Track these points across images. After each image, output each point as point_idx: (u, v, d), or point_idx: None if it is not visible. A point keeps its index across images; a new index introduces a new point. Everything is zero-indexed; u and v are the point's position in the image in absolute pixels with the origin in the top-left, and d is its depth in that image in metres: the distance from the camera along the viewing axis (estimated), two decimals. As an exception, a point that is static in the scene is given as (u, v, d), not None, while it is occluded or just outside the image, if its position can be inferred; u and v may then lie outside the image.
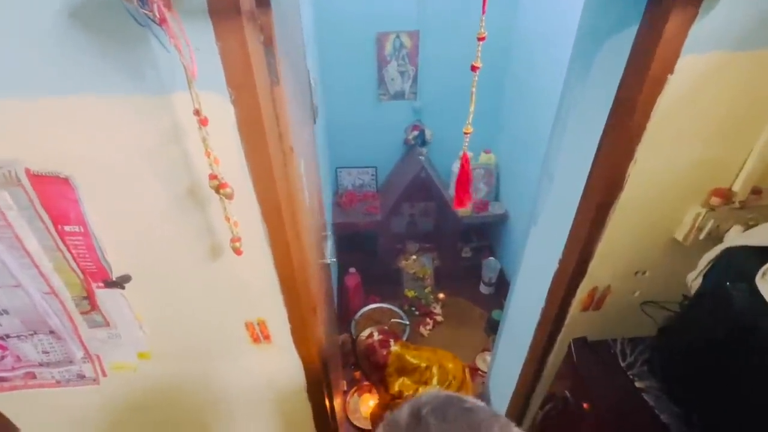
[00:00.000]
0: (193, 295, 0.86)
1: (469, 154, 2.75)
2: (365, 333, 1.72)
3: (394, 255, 2.77)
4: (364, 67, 2.35)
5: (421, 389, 1.66)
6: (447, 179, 2.67)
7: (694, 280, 0.82)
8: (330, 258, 1.58)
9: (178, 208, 0.72)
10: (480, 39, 0.56)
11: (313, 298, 1.01)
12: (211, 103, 0.61)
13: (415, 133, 2.58)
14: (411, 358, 1.72)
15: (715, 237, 0.85)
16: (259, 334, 0.96)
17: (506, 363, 1.51)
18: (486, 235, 2.87)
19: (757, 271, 0.65)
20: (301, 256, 0.88)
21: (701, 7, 0.62)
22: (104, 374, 0.86)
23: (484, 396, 1.86)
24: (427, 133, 2.55)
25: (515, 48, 2.29)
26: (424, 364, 1.72)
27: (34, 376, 0.87)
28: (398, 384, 1.68)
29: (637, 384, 0.88)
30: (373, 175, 2.73)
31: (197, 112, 0.58)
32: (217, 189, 0.64)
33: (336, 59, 2.30)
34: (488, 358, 2.22)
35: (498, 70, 2.40)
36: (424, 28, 2.24)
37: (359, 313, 2.46)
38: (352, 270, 2.51)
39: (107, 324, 0.82)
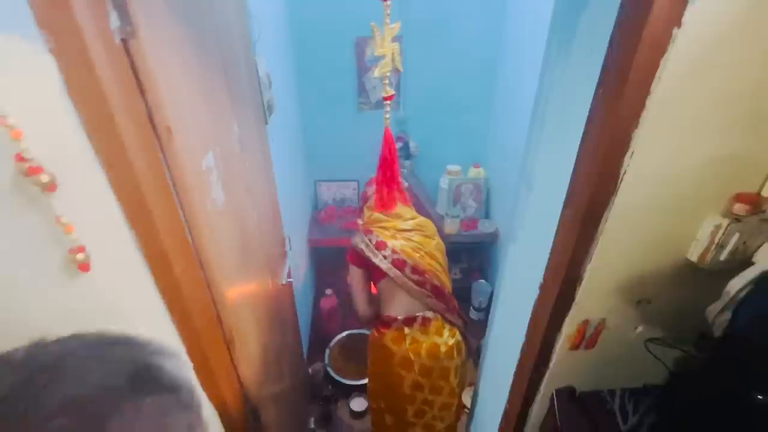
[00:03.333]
0: (54, 323, 0.66)
1: (456, 168, 2.50)
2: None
3: (376, 276, 2.55)
4: (344, 74, 2.20)
5: None
6: (434, 195, 2.48)
7: (718, 315, 0.60)
8: (285, 279, 1.37)
9: (5, 199, 0.53)
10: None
11: (227, 328, 0.80)
12: (15, 49, 0.43)
13: (399, 144, 2.41)
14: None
15: (742, 257, 0.64)
16: (151, 375, 0.75)
17: (488, 407, 1.26)
18: (476, 255, 2.65)
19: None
20: (196, 275, 0.67)
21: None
22: None
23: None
24: (412, 146, 2.38)
25: (504, 58, 2.15)
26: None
27: None
28: None
29: (644, 460, 0.65)
30: (354, 189, 2.55)
31: (-30, 57, 0.39)
32: (26, 175, 0.45)
33: (313, 65, 2.16)
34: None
35: (487, 81, 2.26)
36: (407, 33, 2.11)
37: (334, 340, 2.22)
38: (329, 291, 2.29)
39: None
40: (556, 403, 0.78)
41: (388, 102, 0.46)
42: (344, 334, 2.25)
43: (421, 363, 1.30)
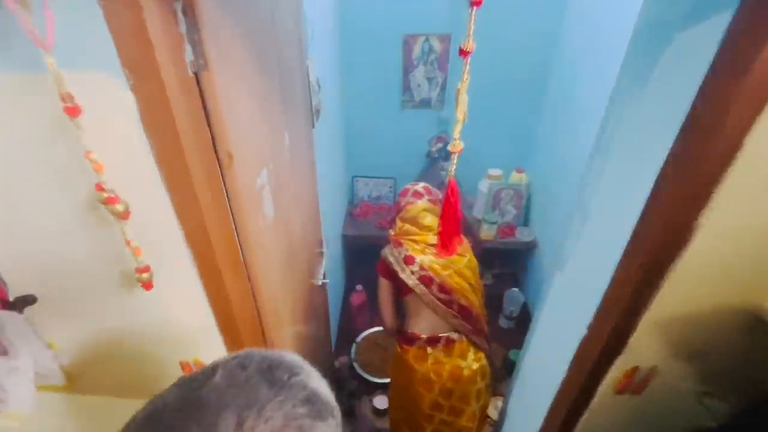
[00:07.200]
0: (116, 325, 0.71)
1: (498, 172, 2.42)
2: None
3: (407, 275, 2.55)
4: (389, 72, 2.18)
5: None
6: (471, 198, 2.43)
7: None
8: (321, 279, 1.39)
9: (78, 223, 0.56)
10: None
11: (269, 336, 0.82)
12: (99, 87, 0.45)
13: (440, 145, 2.37)
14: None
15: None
16: (198, 376, 0.79)
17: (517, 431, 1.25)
18: (510, 262, 2.59)
19: None
20: (244, 289, 0.70)
21: None
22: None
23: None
24: (453, 146, 2.33)
25: (557, 60, 2.04)
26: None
27: None
28: None
29: None
30: (391, 187, 2.54)
31: (64, 98, 0.41)
32: (105, 204, 0.48)
33: (359, 61, 2.15)
34: (500, 404, 1.94)
35: (536, 84, 2.16)
36: (457, 31, 2.04)
37: (361, 336, 2.26)
38: (359, 287, 2.32)
39: (5, 353, 0.68)
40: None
41: (456, 154, 0.44)
42: (371, 330, 2.28)
43: (442, 384, 1.28)
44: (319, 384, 0.36)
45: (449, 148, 0.44)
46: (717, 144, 0.49)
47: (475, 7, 0.37)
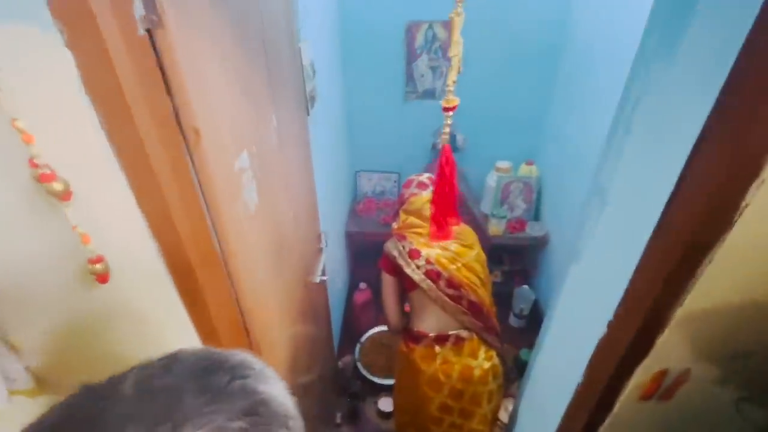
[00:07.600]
0: (84, 323, 0.64)
1: (506, 164, 2.33)
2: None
3: (413, 273, 2.47)
4: (391, 61, 2.10)
5: None
6: (479, 192, 2.34)
7: None
8: (319, 276, 1.32)
9: (25, 206, 0.50)
10: None
11: (255, 340, 0.75)
12: (27, 42, 0.38)
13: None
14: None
15: None
16: (177, 380, 0.72)
17: (527, 434, 1.16)
18: (521, 259, 2.49)
19: None
20: (221, 284, 0.63)
21: None
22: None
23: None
24: (459, 139, 2.24)
25: (568, 45, 1.94)
26: None
27: None
28: None
29: None
30: (395, 181, 2.46)
31: (-25, 51, 0.35)
32: (39, 182, 0.41)
33: (359, 51, 2.07)
34: (511, 407, 1.85)
35: (546, 70, 2.06)
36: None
37: (366, 336, 2.19)
38: (363, 285, 2.24)
39: (-39, 354, 0.62)
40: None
41: (450, 114, 0.36)
42: (376, 329, 2.21)
43: (451, 385, 1.21)
44: (274, 388, 0.29)
45: (441, 102, 0.36)
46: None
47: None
